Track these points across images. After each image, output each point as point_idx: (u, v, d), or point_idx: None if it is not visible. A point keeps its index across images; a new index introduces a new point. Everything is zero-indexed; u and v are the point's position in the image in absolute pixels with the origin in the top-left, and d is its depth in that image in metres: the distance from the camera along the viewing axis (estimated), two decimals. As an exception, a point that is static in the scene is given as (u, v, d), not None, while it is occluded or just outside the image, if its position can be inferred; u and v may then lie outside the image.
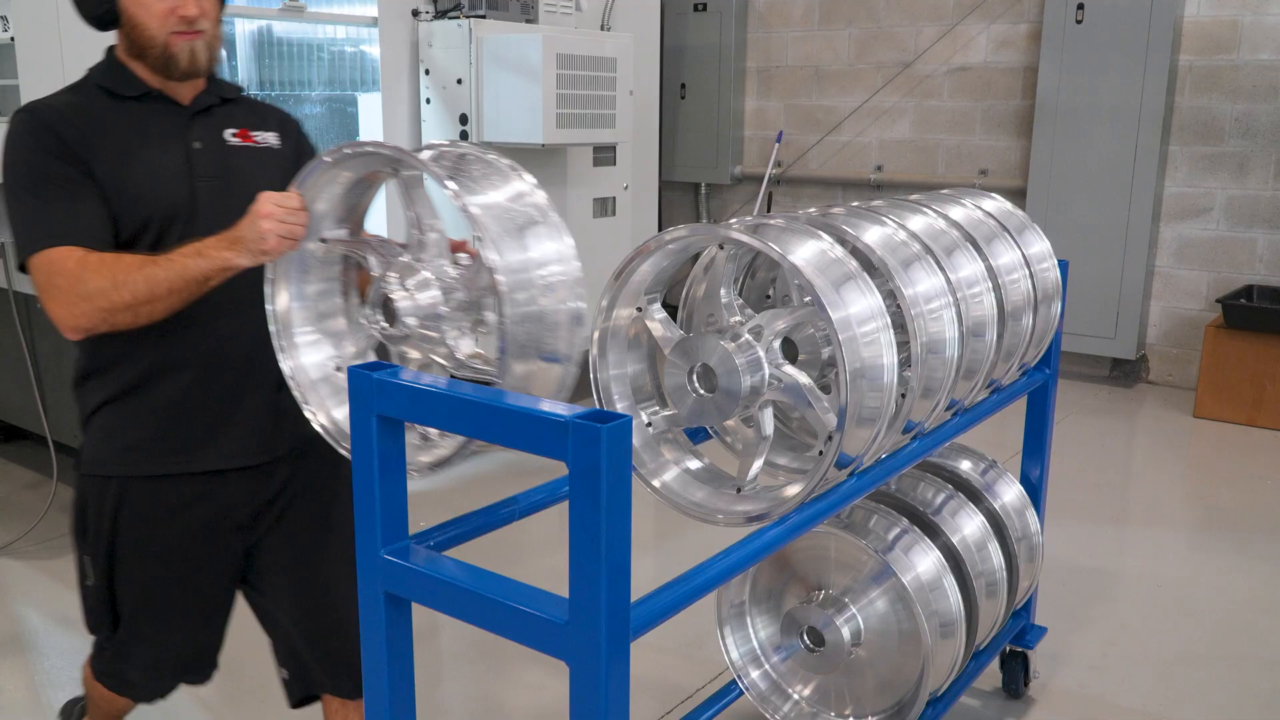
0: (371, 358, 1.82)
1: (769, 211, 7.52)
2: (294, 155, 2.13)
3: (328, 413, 1.84)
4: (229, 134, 2.04)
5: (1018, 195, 6.31)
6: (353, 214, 1.83)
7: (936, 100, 6.93)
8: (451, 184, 1.56)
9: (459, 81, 4.52)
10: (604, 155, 5.25)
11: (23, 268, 1.86)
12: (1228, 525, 4.34)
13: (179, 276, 1.77)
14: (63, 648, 3.30)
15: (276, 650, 2.22)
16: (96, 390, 1.99)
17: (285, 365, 1.85)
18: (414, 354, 1.72)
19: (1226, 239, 6.05)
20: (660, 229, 6.58)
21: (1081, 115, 6.05)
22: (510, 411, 1.35)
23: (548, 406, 1.34)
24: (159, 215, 1.91)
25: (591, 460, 1.26)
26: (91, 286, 1.77)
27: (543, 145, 4.51)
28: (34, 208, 1.84)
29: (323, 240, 1.81)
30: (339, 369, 1.86)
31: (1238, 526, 4.31)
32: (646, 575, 1.41)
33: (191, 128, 2.00)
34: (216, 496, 2.02)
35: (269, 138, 2.11)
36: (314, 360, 1.86)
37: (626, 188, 5.42)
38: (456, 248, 1.73)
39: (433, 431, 1.70)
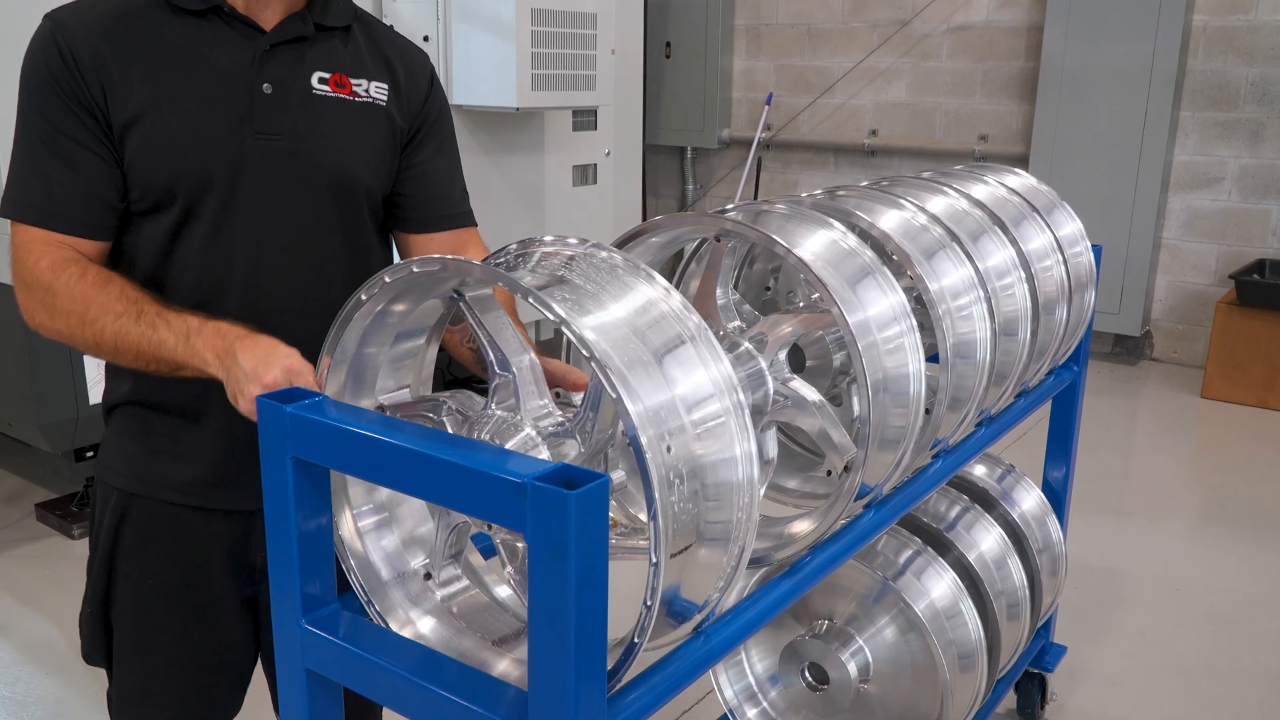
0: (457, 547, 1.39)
1: (758, 177, 7.23)
2: (405, 118, 1.65)
3: (414, 628, 1.35)
4: (318, 78, 1.56)
5: (1019, 162, 6.02)
6: (414, 361, 1.41)
7: (935, 61, 6.61)
8: (556, 306, 1.10)
9: (426, 39, 4.18)
10: (584, 119, 4.94)
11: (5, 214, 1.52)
12: (1243, 518, 4.09)
13: (151, 350, 1.39)
14: (-9, 659, 3.02)
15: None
16: (123, 378, 1.60)
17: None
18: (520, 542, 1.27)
19: (1238, 210, 5.77)
20: (645, 196, 6.26)
21: (1088, 78, 5.74)
22: (453, 466, 1.05)
23: (503, 460, 1.05)
24: (189, 179, 1.49)
25: (557, 534, 0.97)
26: (59, 307, 1.44)
27: (517, 109, 4.20)
28: (29, 158, 1.48)
29: (380, 409, 1.39)
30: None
31: (1254, 520, 4.06)
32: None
33: (266, 63, 1.52)
34: (233, 539, 1.64)
35: (375, 89, 1.61)
36: (381, 550, 1.39)
37: (608, 154, 5.10)
38: (556, 381, 1.36)
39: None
